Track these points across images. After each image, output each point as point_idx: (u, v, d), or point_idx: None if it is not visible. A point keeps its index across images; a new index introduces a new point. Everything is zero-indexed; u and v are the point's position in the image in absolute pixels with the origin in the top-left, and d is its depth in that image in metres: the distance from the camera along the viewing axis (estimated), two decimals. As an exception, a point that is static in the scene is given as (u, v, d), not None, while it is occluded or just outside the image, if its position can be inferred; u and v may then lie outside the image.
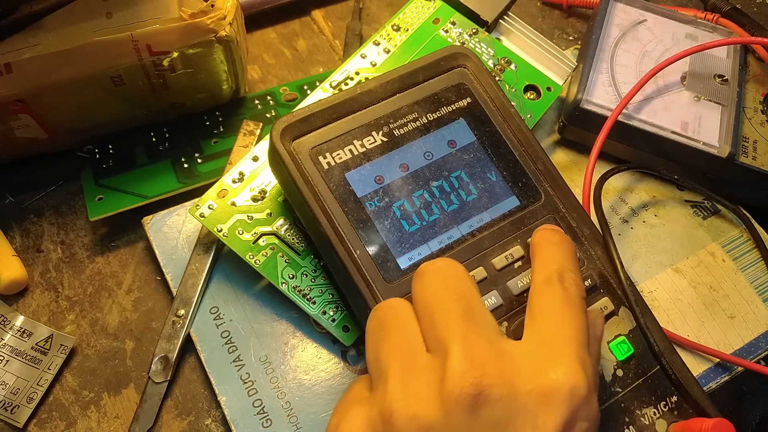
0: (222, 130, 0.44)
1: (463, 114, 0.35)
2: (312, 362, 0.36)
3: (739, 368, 0.37)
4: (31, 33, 0.36)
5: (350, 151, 0.33)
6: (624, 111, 0.42)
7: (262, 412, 0.35)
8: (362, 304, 0.31)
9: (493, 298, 0.32)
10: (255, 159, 0.38)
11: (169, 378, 0.36)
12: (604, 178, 0.41)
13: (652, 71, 0.42)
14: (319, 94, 0.40)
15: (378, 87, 0.35)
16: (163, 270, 0.38)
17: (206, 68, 0.40)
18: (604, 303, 0.33)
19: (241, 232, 0.36)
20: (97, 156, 0.42)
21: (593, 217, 0.36)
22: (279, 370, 0.36)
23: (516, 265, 0.33)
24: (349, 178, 0.33)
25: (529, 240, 0.32)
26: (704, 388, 0.36)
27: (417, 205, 0.33)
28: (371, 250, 0.32)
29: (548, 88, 0.42)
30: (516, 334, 0.31)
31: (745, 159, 0.41)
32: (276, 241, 0.36)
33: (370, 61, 0.41)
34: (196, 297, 0.37)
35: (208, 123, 0.44)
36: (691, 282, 0.40)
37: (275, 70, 0.49)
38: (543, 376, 0.24)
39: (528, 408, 0.23)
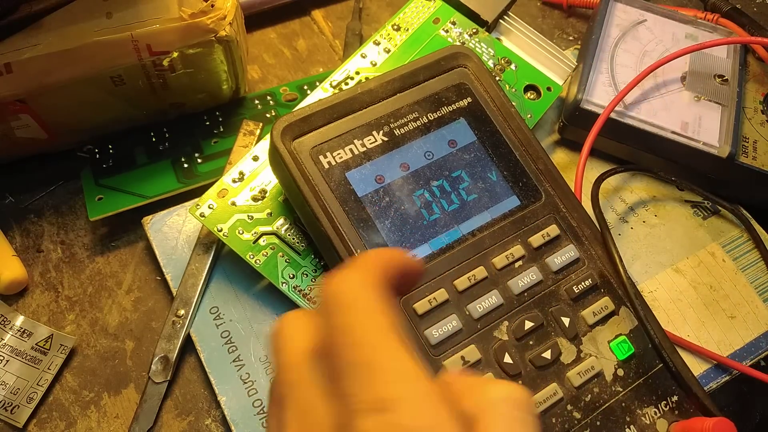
0: (222, 130, 0.44)
1: (463, 114, 0.35)
2: (312, 362, 0.36)
3: (740, 368, 0.38)
4: (31, 33, 0.36)
5: (351, 150, 0.33)
6: (624, 111, 0.42)
7: (262, 412, 0.35)
8: (363, 304, 0.31)
9: (493, 298, 0.32)
10: (255, 159, 0.38)
11: (169, 378, 0.36)
12: (602, 178, 0.41)
13: (649, 69, 0.42)
14: (319, 94, 0.40)
15: (378, 86, 0.35)
16: (163, 270, 0.38)
17: (206, 68, 0.40)
18: (605, 303, 0.33)
19: (241, 231, 0.36)
20: (97, 156, 0.42)
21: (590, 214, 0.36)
22: (279, 370, 0.36)
23: (516, 264, 0.33)
24: (350, 177, 0.33)
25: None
26: (704, 389, 0.36)
27: (417, 205, 0.33)
28: (372, 249, 0.32)
29: (548, 88, 0.42)
30: (516, 333, 0.31)
31: (745, 159, 0.41)
32: (276, 240, 0.36)
33: (370, 61, 0.41)
34: (196, 297, 0.37)
35: (208, 123, 0.44)
36: (691, 282, 0.40)
37: (275, 70, 0.49)
38: None
39: None
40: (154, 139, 0.43)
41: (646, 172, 0.43)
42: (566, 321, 0.32)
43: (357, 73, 0.40)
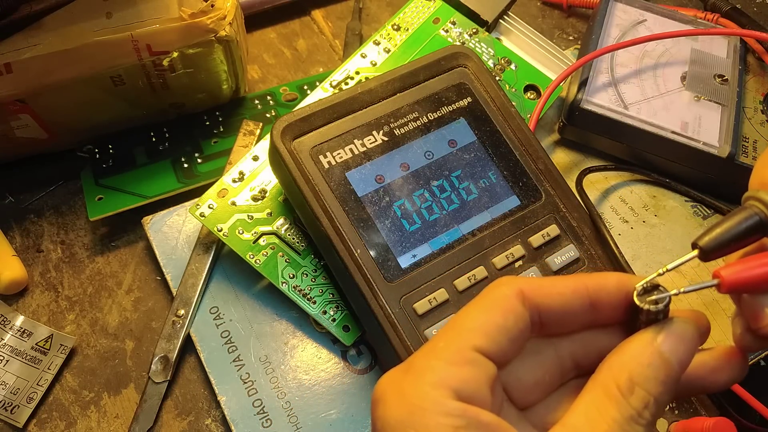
0: (222, 130, 0.44)
1: (463, 113, 0.35)
2: (312, 362, 0.36)
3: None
4: (31, 33, 0.36)
5: (351, 150, 0.33)
6: (624, 110, 0.42)
7: (262, 412, 0.35)
8: (363, 304, 0.31)
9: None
10: (255, 158, 0.38)
11: (169, 378, 0.36)
12: (585, 173, 0.41)
13: (642, 39, 0.43)
14: (319, 94, 0.40)
15: (378, 86, 0.35)
16: (163, 270, 0.38)
17: (206, 68, 0.40)
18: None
19: (241, 231, 0.36)
20: (97, 156, 0.42)
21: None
22: (279, 370, 0.36)
23: (517, 264, 0.33)
24: (350, 177, 0.33)
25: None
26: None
27: (417, 205, 0.33)
28: (372, 249, 0.32)
29: (548, 88, 0.42)
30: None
31: (745, 159, 0.41)
32: (276, 240, 0.36)
33: (370, 61, 0.41)
34: (196, 297, 0.37)
35: (208, 123, 0.44)
36: (691, 282, 0.40)
37: (275, 70, 0.49)
38: None
39: None
40: (154, 139, 0.43)
41: (637, 174, 0.43)
42: (566, 321, 0.32)
43: (357, 73, 0.40)
